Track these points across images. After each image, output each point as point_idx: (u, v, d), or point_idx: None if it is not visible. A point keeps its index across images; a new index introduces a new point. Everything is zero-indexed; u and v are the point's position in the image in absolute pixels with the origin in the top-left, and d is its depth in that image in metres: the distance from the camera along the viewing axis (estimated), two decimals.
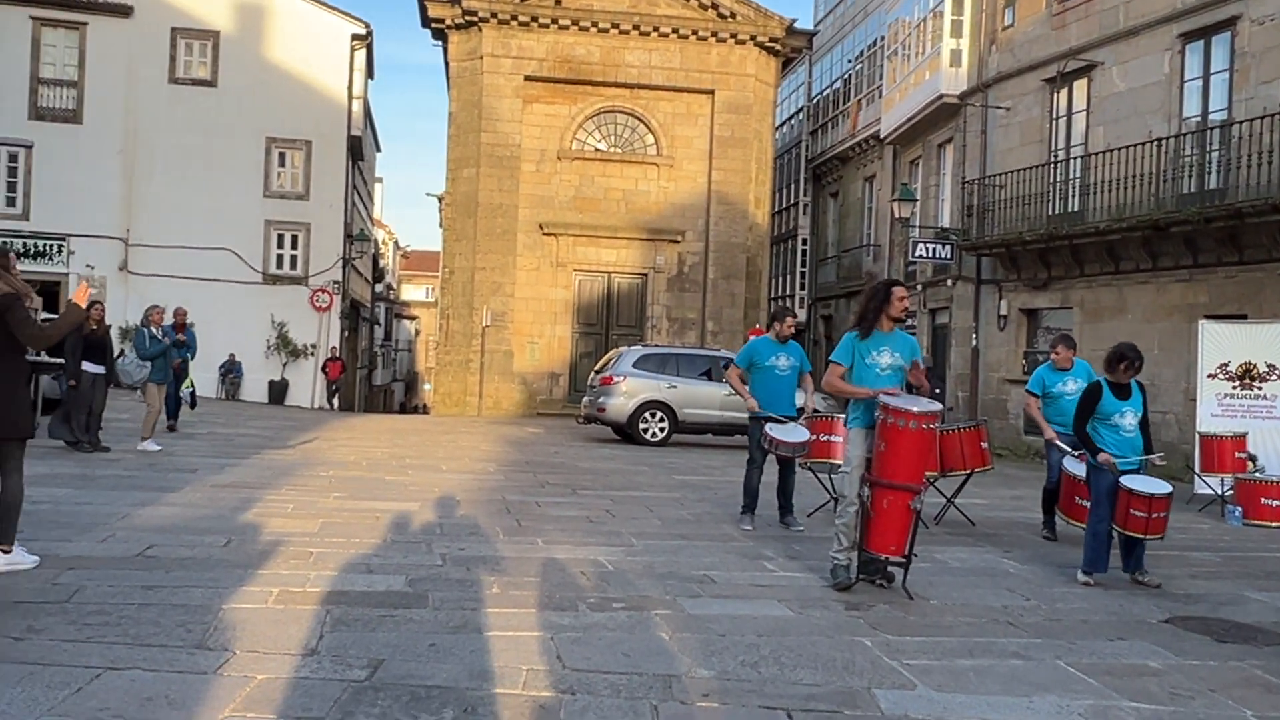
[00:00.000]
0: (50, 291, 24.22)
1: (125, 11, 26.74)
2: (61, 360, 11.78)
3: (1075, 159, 18.12)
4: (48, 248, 26.37)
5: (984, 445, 9.45)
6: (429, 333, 57.54)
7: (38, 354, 13.57)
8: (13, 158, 26.29)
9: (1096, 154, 17.12)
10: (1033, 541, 8.62)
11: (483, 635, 4.75)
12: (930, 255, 21.15)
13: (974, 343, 20.67)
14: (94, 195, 26.40)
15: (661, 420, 17.39)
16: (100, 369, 11.83)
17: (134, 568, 5.78)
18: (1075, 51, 18.01)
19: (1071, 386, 8.45)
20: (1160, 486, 6.86)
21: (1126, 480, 6.81)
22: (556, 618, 5.15)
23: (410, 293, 66.03)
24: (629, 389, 17.42)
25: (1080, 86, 18.29)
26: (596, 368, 19.63)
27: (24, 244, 26.07)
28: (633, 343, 23.14)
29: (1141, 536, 6.84)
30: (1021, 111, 19.54)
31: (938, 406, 6.19)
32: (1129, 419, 6.94)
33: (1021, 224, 18.56)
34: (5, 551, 5.51)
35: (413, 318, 63.01)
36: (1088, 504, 7.16)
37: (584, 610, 5.35)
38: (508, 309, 26.56)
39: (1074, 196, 17.88)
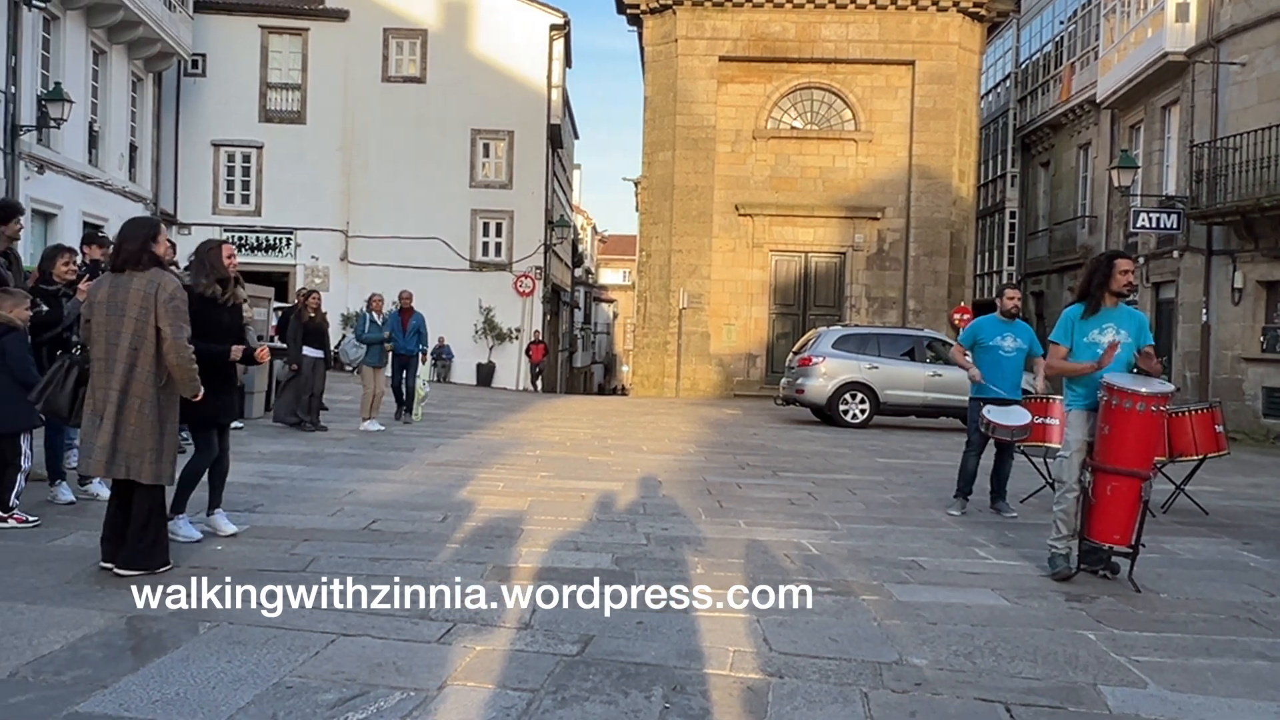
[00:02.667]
0: (280, 282, 26.02)
1: (342, 16, 28.33)
2: (284, 345, 12.66)
3: None
4: (277, 241, 28.37)
5: (1218, 429, 8.78)
6: (627, 315, 58.48)
7: (272, 338, 14.64)
8: (246, 158, 28.39)
9: None
10: (1277, 533, 7.94)
11: (689, 615, 4.78)
12: (1154, 225, 19.78)
13: (1204, 318, 19.22)
14: (317, 191, 28.18)
15: (862, 401, 17.05)
16: (319, 353, 12.63)
17: (361, 540, 6.13)
18: None
19: None
20: None
21: None
22: (762, 600, 5.12)
23: (608, 276, 67.28)
24: (828, 370, 17.16)
25: None
26: (795, 349, 19.41)
27: (256, 238, 28.19)
28: (831, 323, 22.75)
29: None
30: (1259, 67, 17.94)
31: (1169, 388, 5.77)
32: None
33: (1259, 189, 17.07)
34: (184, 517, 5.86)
35: (611, 301, 64.18)
36: None
37: (789, 593, 5.29)
38: (704, 291, 26.63)
39: None
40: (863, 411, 17.00)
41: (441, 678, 3.82)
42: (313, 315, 12.66)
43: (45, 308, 6.46)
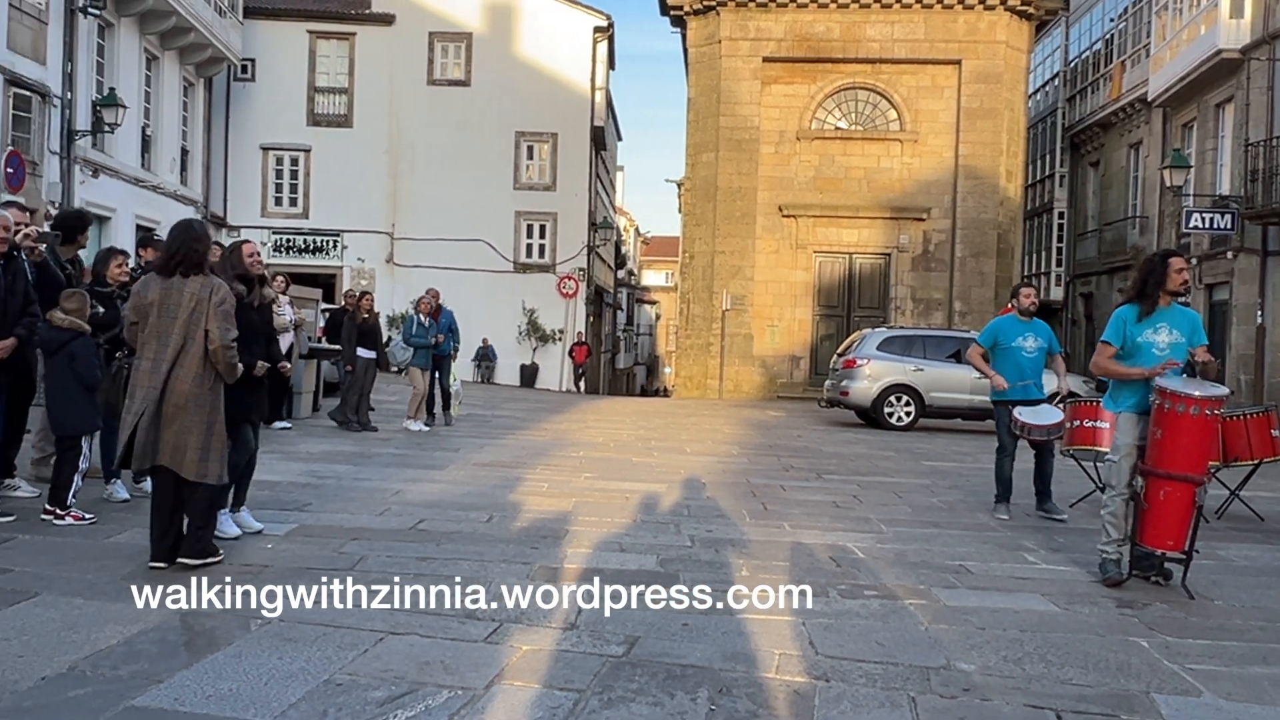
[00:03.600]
0: (327, 284, 26.32)
1: (388, 20, 28.60)
2: (339, 347, 12.83)
3: None
4: (324, 243, 28.70)
5: (1274, 433, 8.59)
6: (669, 317, 58.49)
7: (320, 339, 14.82)
8: (294, 161, 28.75)
9: None
10: None
11: (734, 617, 4.78)
12: (1207, 226, 19.43)
13: (1259, 320, 18.84)
14: (363, 193, 28.47)
15: (907, 404, 16.91)
16: (372, 354, 12.81)
17: (408, 540, 6.19)
18: None
19: None
20: None
21: None
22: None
23: (650, 278, 67.29)
24: (873, 372, 17.04)
25: None
26: (839, 350, 19.30)
27: (304, 240, 28.55)
28: (876, 325, 22.58)
29: None
30: None
31: (1223, 390, 5.67)
32: None
33: None
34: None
35: (653, 302, 64.19)
36: None
37: (835, 596, 5.27)
38: (747, 292, 26.55)
39: None
40: (908, 414, 16.86)
41: (489, 677, 3.85)
42: (366, 316, 12.87)
43: (101, 309, 6.59)
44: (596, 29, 29.34)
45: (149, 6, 20.97)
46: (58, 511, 6.09)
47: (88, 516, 6.13)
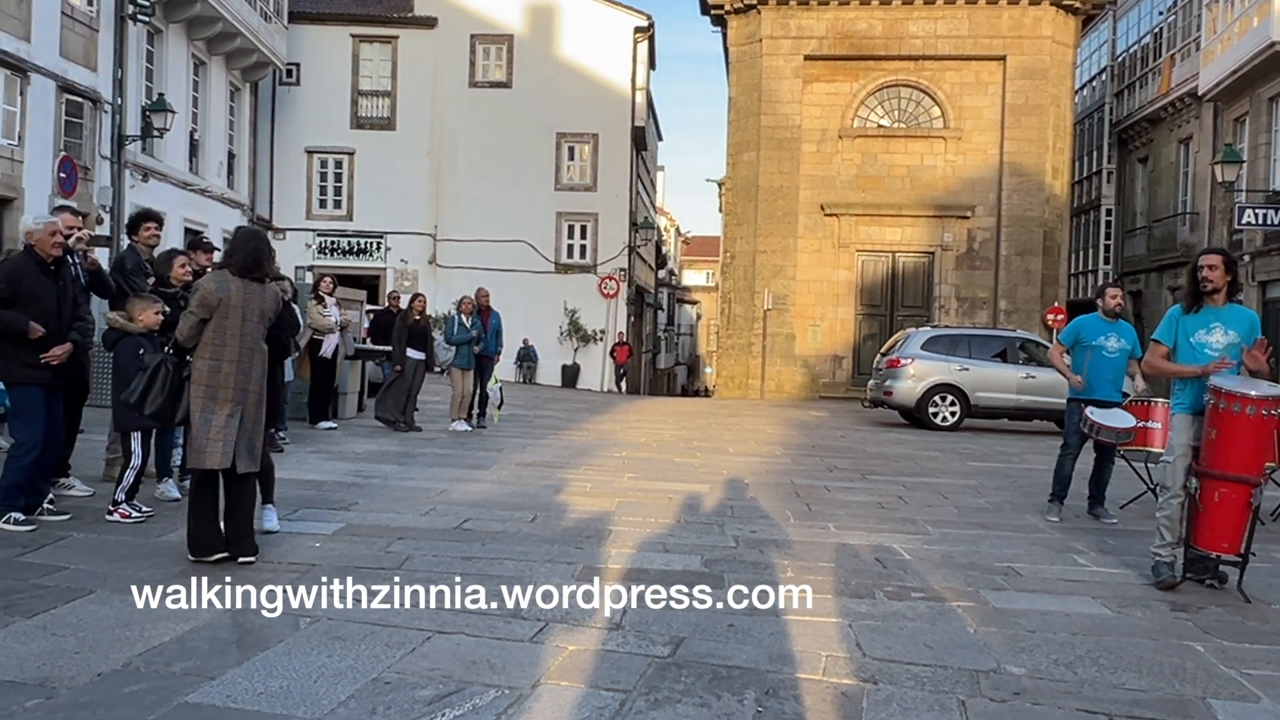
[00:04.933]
0: (370, 285, 26.56)
1: (430, 23, 28.83)
2: (389, 348, 12.95)
3: None
4: (368, 245, 28.98)
5: None
6: (710, 317, 58.36)
7: (364, 340, 14.96)
8: (339, 164, 29.06)
9: None
10: None
11: (779, 619, 4.75)
12: (1260, 222, 19.08)
13: None
14: (406, 195, 28.70)
15: (952, 404, 16.73)
16: (421, 355, 12.92)
17: (454, 539, 6.23)
18: None
19: None
20: None
21: None
22: (854, 605, 5.06)
23: (691, 278, 67.23)
24: (917, 372, 16.88)
25: None
26: (883, 350, 19.15)
27: (348, 242, 28.84)
28: (920, 324, 22.41)
29: None
30: None
31: None
32: None
33: None
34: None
35: (694, 302, 64.12)
36: None
37: (881, 598, 5.23)
38: (789, 292, 26.44)
39: None
40: (953, 414, 16.69)
41: (535, 676, 3.86)
42: (417, 318, 12.97)
43: (168, 309, 6.70)
44: (637, 29, 29.36)
45: (196, 13, 21.30)
46: (109, 508, 6.21)
47: (134, 514, 6.21)
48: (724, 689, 3.80)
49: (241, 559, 5.27)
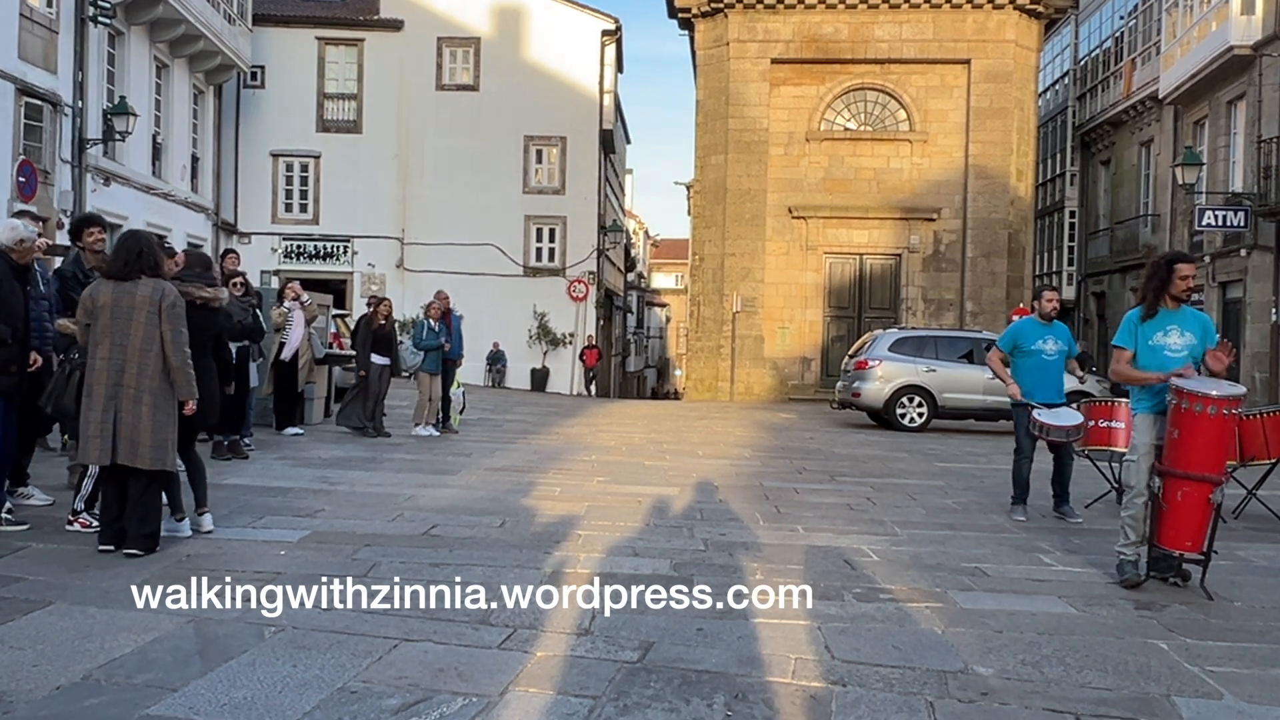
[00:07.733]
0: (338, 289, 26.37)
1: (397, 25, 28.67)
2: (354, 353, 12.80)
3: None
4: (335, 249, 28.77)
5: None
6: (679, 319, 58.43)
7: (331, 346, 14.80)
8: (304, 168, 28.83)
9: None
10: None
11: (749, 622, 4.75)
12: (1220, 223, 19.34)
13: (1274, 318, 18.73)
14: (373, 199, 28.52)
15: (920, 405, 16.85)
16: (386, 360, 12.79)
17: (421, 546, 6.18)
18: None
19: None
20: None
21: None
22: (822, 607, 5.07)
23: (660, 281, 67.30)
24: (885, 373, 16.98)
25: None
26: (850, 352, 19.25)
27: (314, 246, 28.62)
28: (887, 326, 22.55)
29: None
30: None
31: (1240, 390, 5.61)
32: None
33: None
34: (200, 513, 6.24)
35: (663, 305, 64.18)
36: None
37: (850, 600, 5.24)
38: (758, 294, 26.52)
39: None
40: (920, 415, 16.80)
41: (503, 684, 3.83)
42: (383, 323, 12.82)
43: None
44: (604, 32, 29.35)
45: (158, 15, 21.04)
46: (68, 518, 6.11)
47: (94, 523, 6.11)
48: (693, 693, 3.79)
49: (126, 552, 5.46)
